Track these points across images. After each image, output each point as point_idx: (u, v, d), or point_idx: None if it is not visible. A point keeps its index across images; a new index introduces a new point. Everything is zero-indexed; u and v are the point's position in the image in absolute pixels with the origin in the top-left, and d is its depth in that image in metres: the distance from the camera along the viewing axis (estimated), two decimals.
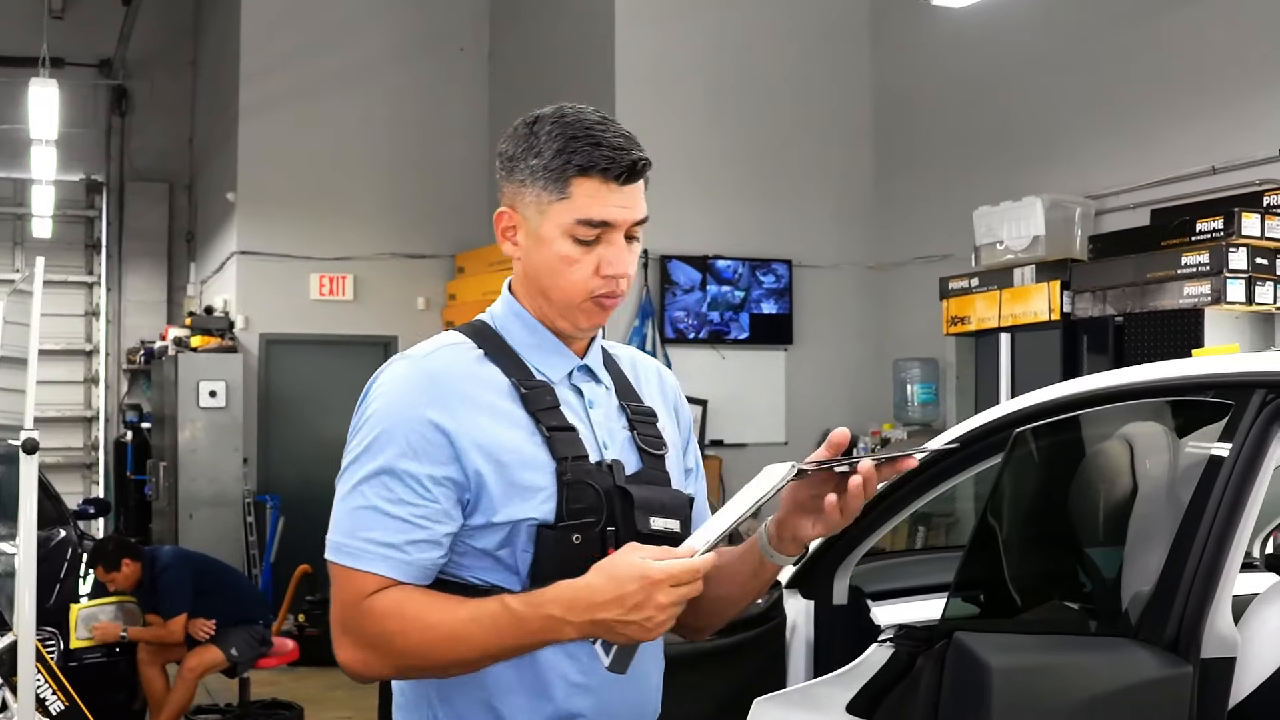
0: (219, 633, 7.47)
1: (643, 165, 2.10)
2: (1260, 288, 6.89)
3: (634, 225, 2.12)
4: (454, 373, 2.12)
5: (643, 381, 2.35)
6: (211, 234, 13.93)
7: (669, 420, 2.33)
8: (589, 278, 2.11)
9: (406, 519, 2.04)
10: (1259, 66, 7.36)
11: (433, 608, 2.02)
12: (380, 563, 2.03)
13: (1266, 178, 7.19)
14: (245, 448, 11.77)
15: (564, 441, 2.11)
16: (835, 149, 10.47)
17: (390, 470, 2.05)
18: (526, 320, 2.21)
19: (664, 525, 2.12)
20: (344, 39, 12.37)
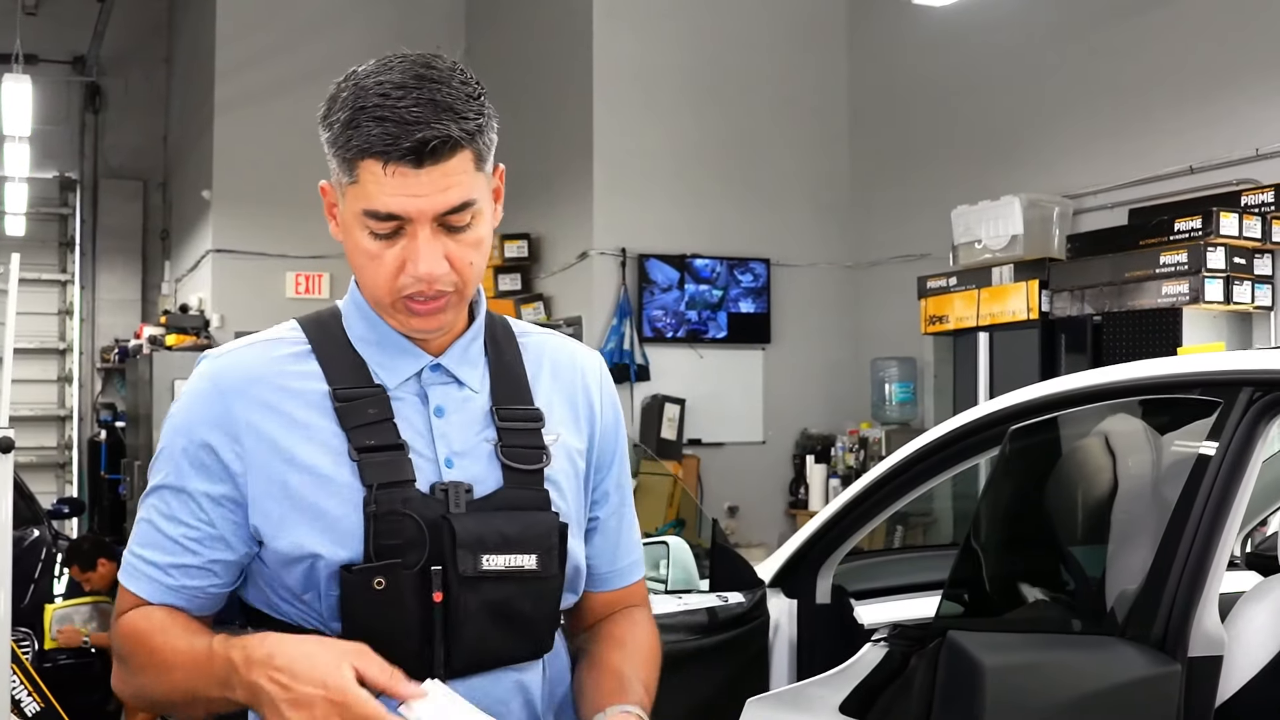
0: None
1: (438, 144, 1.68)
2: (1238, 287, 6.92)
3: (445, 215, 1.73)
4: (250, 378, 1.82)
5: (544, 376, 1.96)
6: (186, 232, 13.88)
7: (573, 427, 1.95)
8: (392, 275, 1.76)
9: (176, 539, 1.80)
10: (1235, 67, 7.39)
11: (165, 631, 1.77)
12: (142, 582, 1.82)
13: (1244, 177, 7.22)
14: None
15: (377, 465, 1.78)
16: (813, 148, 10.47)
17: (169, 485, 1.81)
18: (366, 312, 1.88)
19: (505, 563, 1.77)
20: (319, 36, 12.31)
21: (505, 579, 1.77)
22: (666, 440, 9.74)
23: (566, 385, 1.97)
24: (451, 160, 1.70)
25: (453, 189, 1.72)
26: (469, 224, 1.76)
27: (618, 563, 2.05)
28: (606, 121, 10.00)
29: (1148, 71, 7.90)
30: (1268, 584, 2.85)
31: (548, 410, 1.91)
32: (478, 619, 1.76)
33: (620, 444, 2.04)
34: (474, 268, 1.79)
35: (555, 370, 1.97)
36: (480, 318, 1.92)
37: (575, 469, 1.93)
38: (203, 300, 12.36)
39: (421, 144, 1.67)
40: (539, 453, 1.87)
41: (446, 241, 1.75)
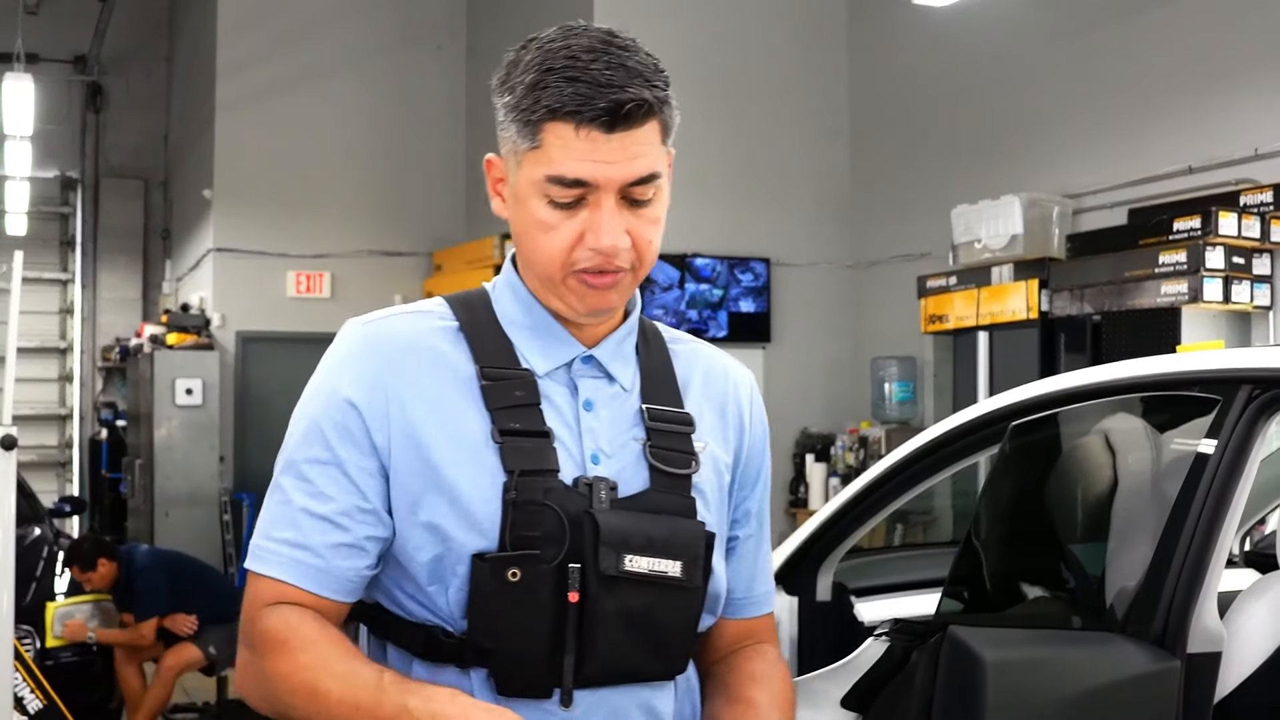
0: (197, 631, 7.45)
1: (633, 107, 1.61)
2: (1237, 286, 6.94)
3: (631, 186, 1.65)
4: (400, 345, 1.73)
5: (696, 384, 1.87)
6: (187, 231, 13.89)
7: (721, 439, 1.85)
8: (568, 248, 1.67)
9: (326, 516, 1.67)
10: (1234, 66, 7.40)
11: (314, 646, 1.62)
12: (288, 567, 1.67)
13: (1243, 177, 7.24)
14: (221, 446, 11.74)
15: (522, 450, 1.68)
16: (813, 148, 10.49)
17: (310, 459, 1.69)
18: (521, 295, 1.78)
19: (648, 565, 1.66)
20: (320, 35, 12.34)
21: (646, 584, 1.66)
22: None
23: (718, 396, 1.88)
24: (642, 128, 1.64)
25: (641, 158, 1.65)
26: (650, 199, 1.69)
27: (754, 590, 1.93)
28: None
29: (1147, 71, 7.91)
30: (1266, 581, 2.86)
31: (697, 418, 1.82)
32: (613, 625, 1.65)
33: (765, 465, 1.94)
34: (652, 247, 1.71)
35: (707, 380, 1.88)
36: (635, 315, 1.84)
37: (720, 481, 1.83)
38: (204, 299, 12.36)
39: (616, 105, 1.60)
40: (688, 458, 1.77)
41: (628, 215, 1.67)
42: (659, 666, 1.74)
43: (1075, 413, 3.02)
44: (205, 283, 12.43)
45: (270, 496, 1.73)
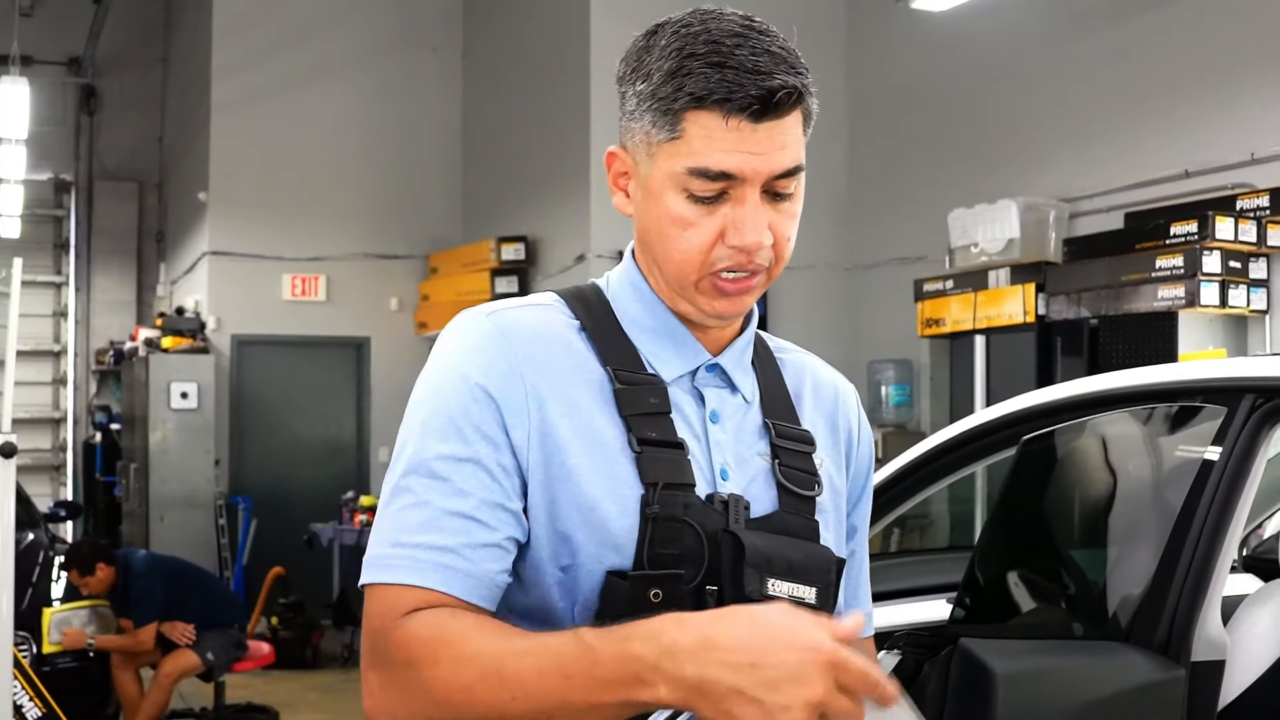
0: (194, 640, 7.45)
1: (784, 95, 1.51)
2: (1234, 290, 6.94)
3: (777, 179, 1.55)
4: (533, 338, 1.59)
5: (808, 399, 1.76)
6: (182, 234, 13.88)
7: (834, 456, 1.75)
8: (707, 247, 1.55)
9: (468, 515, 1.50)
10: (1231, 71, 7.41)
11: (478, 633, 1.43)
12: (427, 572, 1.49)
13: (1239, 181, 7.24)
14: (217, 449, 11.74)
15: (660, 461, 1.55)
16: (811, 150, 10.37)
17: (444, 455, 1.52)
18: (645, 295, 1.65)
19: (788, 590, 1.53)
20: (316, 37, 12.34)
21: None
22: None
23: (828, 411, 1.77)
24: (788, 118, 1.55)
25: (788, 149, 1.55)
26: (792, 194, 1.59)
27: (859, 608, 1.81)
28: (603, 123, 10.02)
29: (1144, 75, 7.92)
30: (1269, 589, 2.87)
31: (813, 434, 1.72)
32: None
33: (870, 480, 1.83)
34: (790, 245, 1.60)
35: (817, 393, 1.77)
36: (754, 323, 1.73)
37: (837, 502, 1.73)
38: (199, 302, 12.35)
39: (768, 93, 1.50)
40: (813, 479, 1.67)
41: (769, 210, 1.56)
42: None
43: (1085, 425, 3.03)
44: (200, 286, 12.42)
45: (393, 500, 1.54)
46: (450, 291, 11.74)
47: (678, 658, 1.30)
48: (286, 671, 9.55)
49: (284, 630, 10.00)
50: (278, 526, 11.17)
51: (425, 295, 12.33)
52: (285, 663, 9.52)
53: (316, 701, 8.90)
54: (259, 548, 11.32)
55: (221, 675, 7.71)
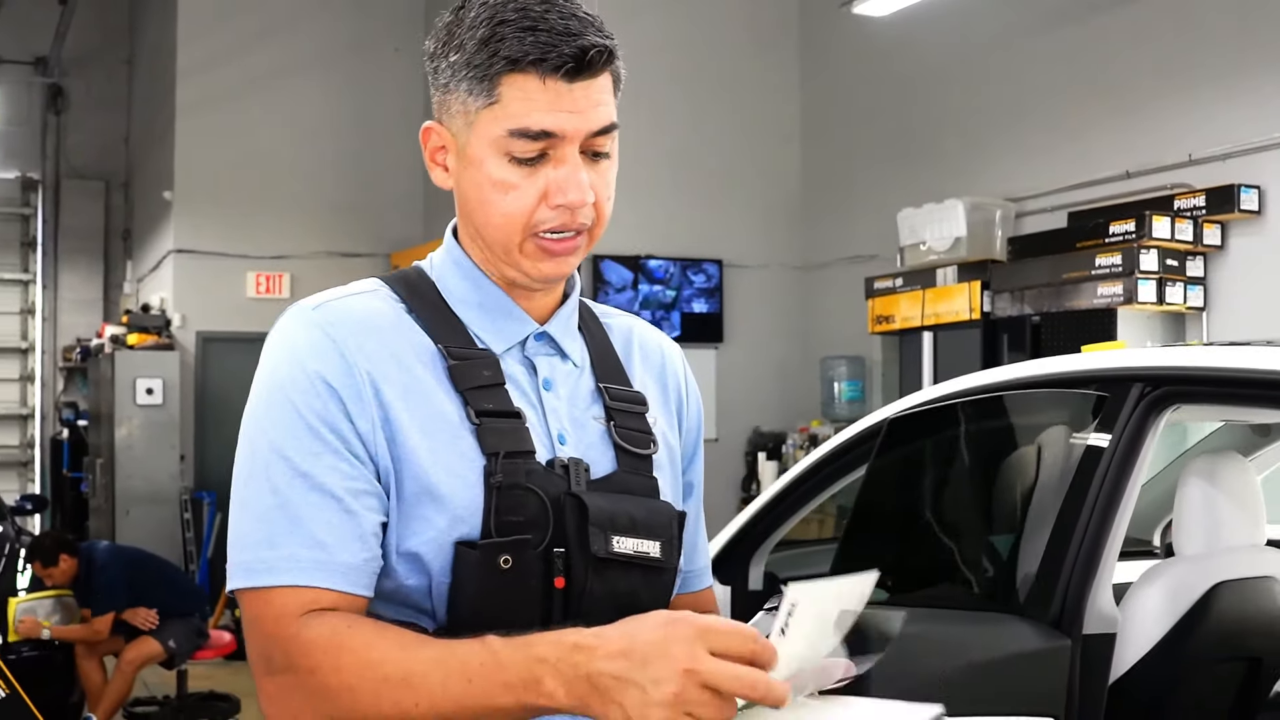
0: (157, 625, 7.57)
1: (596, 54, 1.57)
2: (1171, 288, 7.14)
3: (594, 135, 1.60)
4: (361, 326, 1.60)
5: (636, 360, 1.81)
6: (148, 232, 13.96)
7: (666, 414, 1.80)
8: (530, 209, 1.58)
9: (334, 509, 1.52)
10: (1171, 75, 7.60)
11: (381, 640, 1.46)
12: (310, 572, 1.50)
13: (1178, 182, 7.43)
14: (182, 445, 11.82)
15: (500, 431, 1.58)
16: (764, 151, 10.66)
17: (300, 451, 1.54)
18: (468, 270, 1.69)
19: (633, 546, 1.59)
20: (279, 38, 12.43)
21: (631, 565, 1.59)
22: None
23: (656, 371, 1.83)
24: (601, 77, 1.60)
25: (602, 107, 1.60)
26: (609, 153, 1.64)
27: (696, 562, 1.87)
28: None
29: (1088, 78, 8.11)
30: (1159, 567, 3.04)
31: (644, 395, 1.77)
32: (601, 609, 1.54)
33: (701, 438, 1.88)
34: (609, 204, 1.65)
35: (644, 354, 1.82)
36: (576, 290, 1.77)
37: (673, 458, 1.78)
38: (164, 300, 12.43)
39: (581, 52, 1.55)
40: (648, 437, 1.72)
41: (589, 170, 1.61)
42: None
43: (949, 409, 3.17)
44: (166, 283, 12.50)
45: (252, 500, 1.55)
46: None
47: (575, 656, 1.37)
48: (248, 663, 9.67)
49: None
50: None
51: None
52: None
53: None
54: (224, 542, 11.35)
55: (184, 663, 7.82)
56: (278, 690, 1.51)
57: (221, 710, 8.03)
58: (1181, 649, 2.89)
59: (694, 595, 1.87)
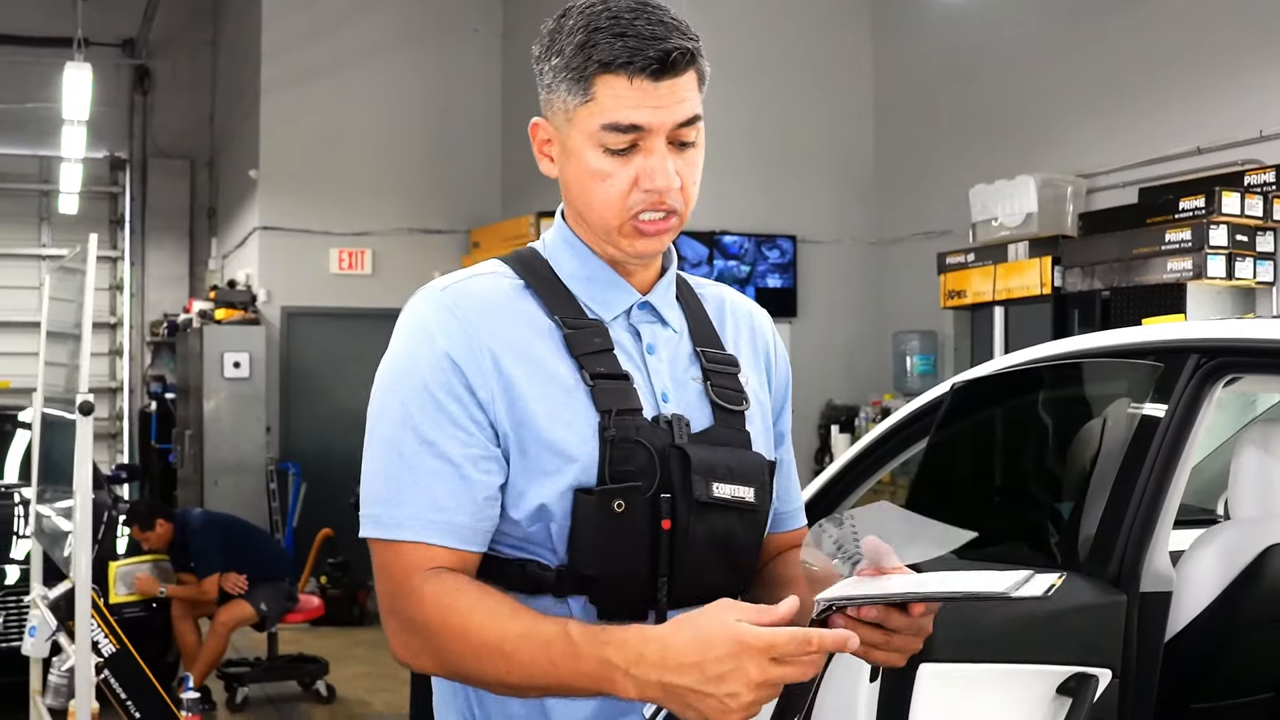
0: (248, 589, 7.85)
1: (678, 56, 1.76)
2: (1240, 263, 7.18)
3: (679, 127, 1.79)
4: (482, 304, 1.83)
5: (728, 325, 2.02)
6: (233, 210, 14.27)
7: (756, 373, 2.01)
8: (624, 194, 1.79)
9: (454, 473, 1.75)
10: (1242, 51, 7.65)
11: (482, 606, 1.69)
12: (430, 531, 1.75)
13: (1249, 158, 7.48)
14: (268, 417, 12.16)
15: (611, 391, 1.80)
16: (838, 128, 10.75)
17: (426, 419, 1.77)
18: (577, 248, 1.91)
19: (730, 492, 1.80)
20: (361, 19, 12.68)
21: (728, 509, 1.80)
22: None
23: (747, 334, 2.03)
24: (685, 76, 1.78)
25: (686, 102, 1.78)
26: (694, 142, 1.82)
27: (790, 503, 2.07)
28: None
29: (1158, 55, 8.16)
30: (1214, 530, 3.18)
31: (736, 356, 1.98)
32: (700, 548, 1.78)
33: (789, 393, 2.10)
34: (695, 189, 1.84)
35: (735, 320, 2.03)
36: (674, 264, 1.99)
37: (764, 412, 1.99)
38: (250, 276, 12.73)
39: (664, 55, 1.74)
40: (740, 395, 1.92)
41: (675, 158, 1.80)
42: (735, 584, 1.86)
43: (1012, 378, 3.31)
44: (251, 260, 12.81)
45: (385, 461, 1.78)
46: None
47: (642, 666, 1.55)
48: (334, 628, 9.98)
49: (332, 589, 10.41)
50: (326, 490, 11.54)
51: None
52: (333, 619, 9.95)
53: (363, 655, 9.31)
54: (308, 511, 11.72)
55: (274, 626, 8.12)
56: (399, 630, 1.76)
57: (310, 671, 8.31)
58: (1235, 609, 3.00)
59: (789, 534, 2.07)
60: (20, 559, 7.53)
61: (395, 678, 8.29)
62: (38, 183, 15.83)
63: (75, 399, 4.68)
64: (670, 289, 1.96)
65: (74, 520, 4.78)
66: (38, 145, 15.11)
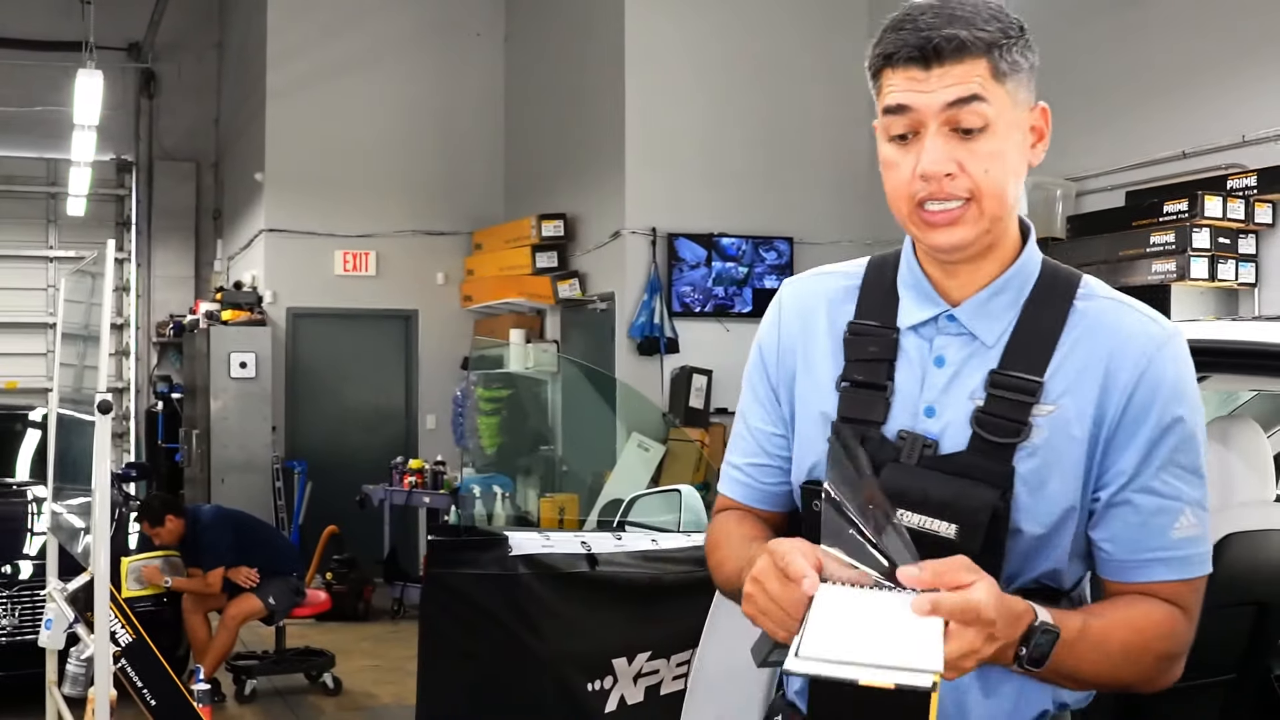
0: (258, 583, 8.02)
1: (941, 42, 1.74)
2: (1222, 265, 7.36)
3: (948, 107, 1.75)
4: (801, 301, 2.00)
5: (1080, 342, 1.82)
6: (238, 212, 14.44)
7: (1086, 397, 1.79)
8: (908, 181, 1.78)
9: (751, 441, 2.03)
10: (1227, 57, 7.80)
11: (725, 529, 2.03)
12: (726, 484, 2.08)
13: (1232, 162, 7.64)
14: (274, 416, 12.34)
15: (856, 399, 1.85)
16: (834, 131, 10.87)
17: (743, 396, 2.06)
18: (907, 252, 1.93)
19: (919, 523, 1.74)
20: (366, 23, 12.87)
21: (922, 536, 1.72)
22: (694, 409, 10.26)
23: (1100, 355, 1.81)
24: (961, 64, 1.75)
25: (958, 85, 1.74)
26: (982, 130, 1.76)
27: (1137, 554, 1.82)
28: (637, 106, 10.50)
29: (1147, 61, 8.31)
30: None
31: (1062, 380, 1.80)
32: None
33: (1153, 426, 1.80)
34: (990, 176, 1.76)
35: (1093, 337, 1.82)
36: (1013, 269, 1.86)
37: (1071, 447, 1.80)
38: (255, 277, 12.91)
39: (925, 42, 1.74)
40: (1018, 426, 1.77)
41: (957, 146, 1.76)
42: None
43: None
44: (257, 261, 12.99)
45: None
46: (493, 266, 12.25)
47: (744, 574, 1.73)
48: (340, 623, 10.17)
49: (338, 585, 10.58)
50: (331, 488, 11.73)
51: (470, 270, 12.84)
52: (339, 615, 10.14)
53: (369, 650, 9.49)
54: (314, 508, 11.90)
55: (282, 620, 8.29)
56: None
57: (317, 664, 8.48)
58: None
59: (1138, 586, 1.84)
60: (34, 554, 7.71)
61: (401, 670, 8.47)
62: (45, 185, 15.97)
63: (91, 398, 4.86)
64: (997, 298, 1.86)
65: (92, 514, 4.97)
66: (45, 148, 15.25)
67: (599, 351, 10.90)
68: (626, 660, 3.63)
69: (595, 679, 3.58)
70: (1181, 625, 1.82)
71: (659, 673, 3.72)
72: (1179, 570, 1.81)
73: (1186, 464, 1.82)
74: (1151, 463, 1.80)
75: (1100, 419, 1.79)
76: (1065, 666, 1.70)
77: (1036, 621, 1.65)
